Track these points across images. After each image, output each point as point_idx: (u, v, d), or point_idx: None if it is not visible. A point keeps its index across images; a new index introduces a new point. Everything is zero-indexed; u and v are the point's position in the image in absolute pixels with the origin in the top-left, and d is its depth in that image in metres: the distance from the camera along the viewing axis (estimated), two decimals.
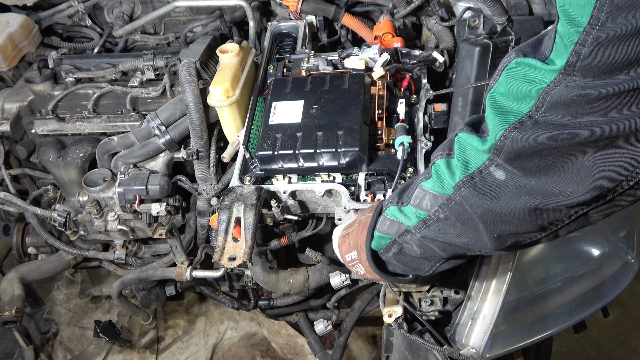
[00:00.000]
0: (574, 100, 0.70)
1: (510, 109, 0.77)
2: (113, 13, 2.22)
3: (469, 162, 0.88)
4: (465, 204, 0.89)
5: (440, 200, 0.94)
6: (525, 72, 0.76)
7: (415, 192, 1.02)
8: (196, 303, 2.58)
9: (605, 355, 2.64)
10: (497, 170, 0.83)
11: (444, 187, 0.93)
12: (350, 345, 2.37)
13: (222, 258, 1.34)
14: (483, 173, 0.85)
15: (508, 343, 1.36)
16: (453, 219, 0.94)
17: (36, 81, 1.89)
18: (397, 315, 1.35)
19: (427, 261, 1.08)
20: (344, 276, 1.68)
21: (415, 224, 1.01)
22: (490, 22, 1.63)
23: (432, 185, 0.97)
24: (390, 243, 1.09)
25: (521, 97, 0.76)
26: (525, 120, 0.75)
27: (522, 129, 0.76)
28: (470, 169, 0.87)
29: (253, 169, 1.54)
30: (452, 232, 0.96)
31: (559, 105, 0.71)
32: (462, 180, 0.88)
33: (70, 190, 1.95)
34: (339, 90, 1.58)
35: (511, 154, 0.79)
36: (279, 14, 2.10)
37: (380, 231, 1.11)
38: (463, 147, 0.90)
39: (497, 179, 0.83)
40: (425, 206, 0.98)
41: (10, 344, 2.22)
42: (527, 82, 0.75)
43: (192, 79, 1.68)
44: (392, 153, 1.51)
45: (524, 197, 0.81)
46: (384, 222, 1.10)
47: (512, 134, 0.77)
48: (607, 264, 1.43)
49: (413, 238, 1.03)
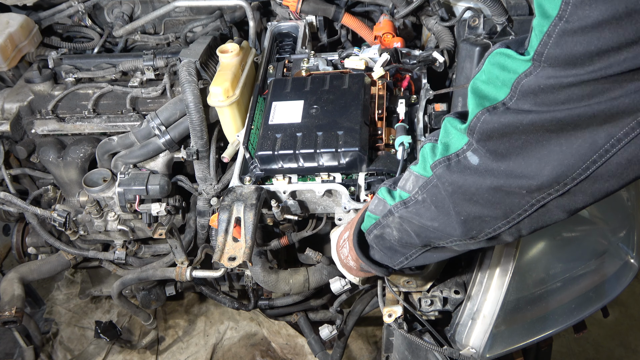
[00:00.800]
0: (540, 89, 0.74)
1: (488, 95, 0.82)
2: (113, 13, 2.22)
3: (449, 145, 0.93)
4: (439, 183, 0.94)
5: (421, 182, 0.99)
6: (503, 61, 0.80)
7: (405, 174, 1.07)
8: (196, 303, 2.58)
9: (605, 355, 2.63)
10: (473, 155, 0.87)
11: (426, 169, 0.98)
12: (350, 345, 2.37)
13: (222, 258, 1.34)
14: (460, 157, 0.90)
15: (508, 343, 1.36)
16: (429, 202, 0.98)
17: (36, 81, 1.89)
18: (397, 315, 1.35)
19: (403, 249, 1.11)
20: (344, 281, 1.67)
21: (395, 203, 1.06)
22: (490, 22, 1.63)
23: (416, 167, 1.02)
24: (374, 224, 1.13)
25: (499, 85, 0.80)
26: (498, 106, 0.80)
27: (493, 112, 0.81)
28: (450, 152, 0.92)
29: (253, 169, 1.54)
30: (426, 215, 1.00)
31: (528, 94, 0.76)
32: (439, 159, 0.93)
33: (70, 190, 1.95)
34: (339, 90, 1.58)
35: (482, 135, 0.83)
36: (279, 14, 2.10)
37: (370, 210, 1.15)
38: (447, 130, 0.94)
39: (471, 163, 0.88)
40: (408, 187, 1.04)
41: (10, 344, 2.22)
42: (504, 71, 0.80)
43: (192, 79, 1.68)
44: (392, 153, 1.51)
45: (490, 178, 0.85)
46: (374, 200, 1.15)
47: (483, 115, 0.82)
48: (607, 264, 1.43)
49: (394, 220, 1.07)
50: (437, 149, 0.96)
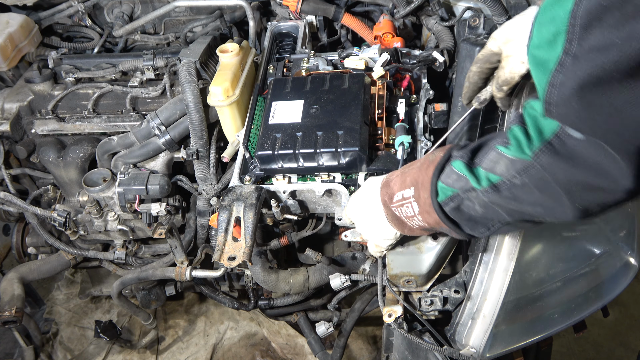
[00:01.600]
0: (604, 8, 0.61)
1: (547, 57, 0.71)
2: (113, 13, 2.22)
3: (542, 127, 0.83)
4: (545, 172, 0.84)
5: (519, 165, 0.89)
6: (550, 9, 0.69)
7: (489, 154, 0.96)
8: (196, 303, 2.58)
9: (605, 355, 2.63)
10: (573, 130, 0.75)
11: (523, 152, 0.88)
12: (350, 345, 2.37)
13: (222, 258, 1.34)
14: (561, 137, 0.78)
15: (508, 343, 1.36)
16: (531, 186, 0.88)
17: (36, 81, 1.89)
18: (397, 315, 1.35)
19: (486, 221, 1.02)
20: (344, 277, 1.68)
21: (484, 187, 0.96)
22: (490, 22, 1.63)
23: (509, 150, 0.91)
24: (451, 197, 1.03)
25: (552, 40, 0.69)
26: (564, 60, 0.68)
27: (563, 70, 0.68)
28: (546, 135, 0.81)
29: (253, 168, 1.54)
30: (526, 200, 0.91)
31: (591, 23, 0.63)
32: (540, 147, 0.83)
33: (70, 190, 1.95)
34: (339, 90, 1.58)
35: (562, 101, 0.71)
36: (279, 14, 2.10)
37: (444, 182, 1.03)
38: (532, 115, 0.85)
39: (576, 139, 0.76)
40: (500, 170, 0.93)
41: (10, 344, 2.21)
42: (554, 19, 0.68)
43: (192, 78, 1.68)
44: (392, 153, 1.51)
45: (601, 150, 0.73)
46: (450, 174, 1.03)
47: (556, 79, 0.70)
48: (607, 264, 1.43)
49: (478, 197, 0.98)
50: (530, 132, 0.86)
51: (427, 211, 1.08)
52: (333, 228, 1.88)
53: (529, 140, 0.86)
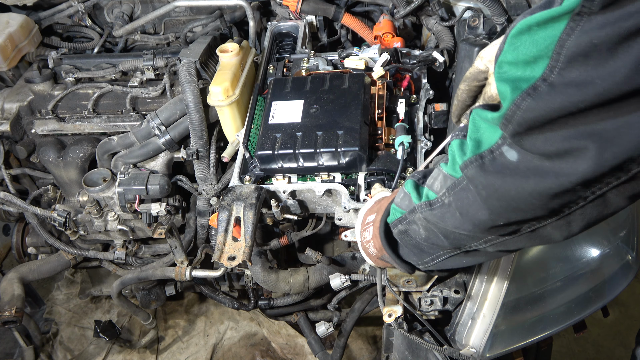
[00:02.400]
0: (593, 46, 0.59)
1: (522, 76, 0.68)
2: (113, 13, 2.22)
3: (481, 140, 0.80)
4: (471, 186, 0.83)
5: (449, 182, 0.89)
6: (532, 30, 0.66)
7: (434, 172, 0.96)
8: (196, 303, 2.58)
9: (605, 355, 2.63)
10: (510, 150, 0.74)
11: (455, 169, 0.87)
12: (350, 345, 2.37)
13: (221, 258, 1.34)
14: (494, 152, 0.77)
15: (508, 343, 1.36)
16: (454, 208, 0.88)
17: (36, 81, 1.89)
18: (397, 315, 1.35)
19: (430, 250, 1.01)
20: (344, 277, 1.67)
21: (420, 203, 0.96)
22: (490, 22, 1.63)
23: (446, 166, 0.91)
24: (400, 219, 1.03)
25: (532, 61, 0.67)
26: (539, 85, 0.66)
27: (536, 96, 0.66)
28: (482, 148, 0.79)
29: (253, 168, 1.54)
30: (450, 222, 0.90)
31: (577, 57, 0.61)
32: (469, 159, 0.82)
33: (70, 190, 1.95)
34: (339, 90, 1.58)
35: (522, 125, 0.70)
36: (279, 14, 2.10)
37: (395, 203, 1.05)
38: (477, 124, 0.82)
39: (509, 160, 0.75)
40: (436, 187, 0.93)
41: (10, 344, 2.21)
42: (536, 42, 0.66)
43: (192, 78, 1.68)
44: (392, 153, 1.51)
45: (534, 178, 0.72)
46: (400, 193, 1.04)
47: (525, 102, 0.68)
48: (607, 264, 1.43)
49: (420, 218, 0.97)
50: (466, 146, 0.84)
51: (376, 235, 1.08)
52: (333, 228, 1.88)
53: (462, 154, 0.84)
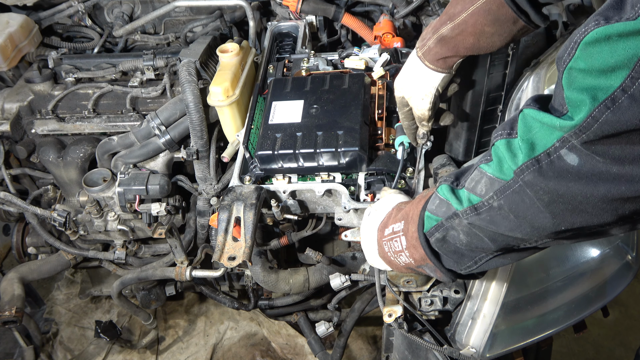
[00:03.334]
0: None
1: (597, 85, 0.66)
2: (113, 13, 2.21)
3: (535, 142, 0.77)
4: (528, 190, 0.79)
5: (497, 186, 0.85)
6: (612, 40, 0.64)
7: (472, 173, 0.92)
8: (196, 303, 2.58)
9: (605, 355, 2.63)
10: (570, 154, 0.72)
11: (503, 171, 0.84)
12: (350, 345, 2.37)
13: (221, 258, 1.34)
14: (552, 156, 0.74)
15: (508, 343, 1.36)
16: (506, 210, 0.84)
17: (36, 81, 1.89)
18: (397, 315, 1.35)
19: (472, 254, 0.98)
20: (344, 277, 1.67)
21: (464, 209, 0.92)
22: None
23: (490, 167, 0.87)
24: (436, 227, 0.99)
25: (608, 70, 0.65)
26: (618, 96, 0.64)
27: (615, 109, 0.64)
28: (537, 151, 0.76)
29: (253, 168, 1.54)
30: (503, 225, 0.87)
31: None
32: (525, 163, 0.78)
33: (70, 190, 1.95)
34: (339, 90, 1.58)
35: (597, 135, 0.68)
36: (279, 14, 2.10)
37: (429, 210, 1.00)
38: (529, 125, 0.79)
39: (569, 164, 0.72)
40: (480, 191, 0.89)
41: (10, 344, 2.22)
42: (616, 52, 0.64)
43: (192, 78, 1.68)
44: (392, 153, 1.51)
45: (604, 185, 0.70)
46: (434, 200, 1.00)
47: (603, 114, 0.66)
48: (607, 264, 1.43)
49: (461, 223, 0.93)
50: (515, 147, 0.81)
51: (413, 245, 1.04)
52: (333, 228, 1.88)
53: (513, 155, 0.82)
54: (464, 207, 0.92)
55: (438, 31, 1.20)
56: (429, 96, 1.28)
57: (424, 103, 1.29)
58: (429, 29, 1.23)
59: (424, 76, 1.26)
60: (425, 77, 1.26)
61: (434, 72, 1.25)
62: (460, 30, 1.16)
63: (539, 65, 1.39)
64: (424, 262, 1.05)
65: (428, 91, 1.28)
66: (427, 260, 1.04)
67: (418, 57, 1.26)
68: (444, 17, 1.19)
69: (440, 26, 1.19)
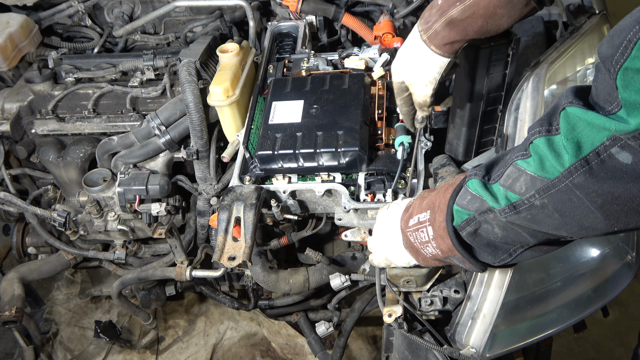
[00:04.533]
0: None
1: None
2: (113, 13, 2.22)
3: (582, 141, 0.74)
4: (578, 192, 0.77)
5: (540, 184, 0.82)
6: None
7: (508, 170, 0.88)
8: (196, 303, 2.58)
9: (605, 355, 2.64)
10: (622, 151, 0.69)
11: (545, 169, 0.80)
12: (350, 345, 2.37)
13: (221, 258, 1.34)
14: (602, 155, 0.71)
15: (508, 343, 1.36)
16: (551, 209, 0.82)
17: (36, 81, 1.89)
18: (397, 315, 1.35)
19: (507, 246, 0.95)
20: (344, 277, 1.68)
21: (502, 207, 0.88)
22: None
23: (530, 165, 0.84)
24: (467, 220, 0.96)
25: None
26: None
27: None
28: (585, 151, 0.73)
29: (253, 168, 1.54)
30: (546, 223, 0.84)
31: None
32: (574, 164, 0.75)
33: (70, 190, 1.95)
34: (339, 90, 1.58)
35: None
36: (279, 14, 2.10)
37: (459, 204, 0.97)
38: (574, 124, 0.75)
39: (621, 163, 0.70)
40: (519, 189, 0.85)
41: (10, 344, 2.21)
42: None
43: (192, 78, 1.68)
44: (392, 153, 1.51)
45: None
46: (465, 195, 0.96)
47: None
48: (607, 264, 1.43)
49: (496, 218, 0.91)
50: (559, 145, 0.78)
51: (441, 236, 1.01)
52: (333, 228, 1.88)
53: (556, 155, 0.78)
54: (502, 206, 0.89)
55: (446, 13, 1.13)
56: (433, 82, 1.23)
57: (427, 89, 1.24)
58: (433, 11, 1.16)
59: (428, 61, 1.20)
60: (430, 62, 1.20)
61: (440, 57, 1.19)
62: (471, 12, 1.11)
63: (539, 65, 1.39)
64: (452, 253, 1.02)
65: (432, 77, 1.22)
66: (455, 252, 1.01)
67: (423, 40, 1.19)
68: None
69: (448, 8, 1.12)
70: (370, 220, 1.48)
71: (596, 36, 1.46)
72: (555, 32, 1.68)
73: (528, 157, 0.84)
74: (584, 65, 1.43)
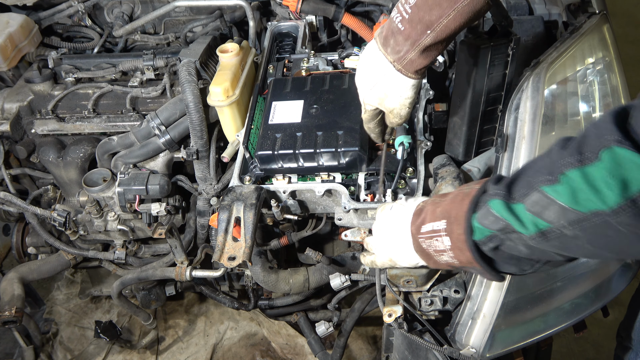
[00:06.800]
0: None
1: None
2: (113, 13, 2.22)
3: (628, 180, 0.72)
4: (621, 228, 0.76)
5: (572, 216, 0.80)
6: None
7: (534, 196, 0.86)
8: (196, 303, 2.58)
9: (605, 355, 2.63)
10: None
11: (579, 202, 0.79)
12: (350, 345, 2.37)
13: (221, 258, 1.34)
14: None
15: (508, 343, 1.36)
16: (584, 241, 0.81)
17: (36, 81, 1.89)
18: (397, 315, 1.35)
19: (531, 262, 0.95)
20: (344, 277, 1.68)
21: (531, 235, 0.87)
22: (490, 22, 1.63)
23: (560, 195, 0.81)
24: (489, 237, 0.94)
25: None
26: None
27: None
28: (631, 190, 0.72)
29: (253, 168, 1.54)
30: (577, 252, 0.84)
31: None
32: (620, 205, 0.74)
33: (70, 190, 1.95)
34: (339, 90, 1.58)
35: None
36: (279, 14, 2.10)
37: (481, 223, 0.95)
38: (621, 162, 0.73)
39: None
40: (548, 217, 0.84)
41: (10, 344, 2.21)
42: None
43: (192, 78, 1.68)
44: (392, 153, 1.51)
45: None
46: (487, 215, 0.94)
47: None
48: (607, 264, 1.43)
49: (522, 240, 0.89)
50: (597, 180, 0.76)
51: (459, 248, 0.99)
52: (333, 228, 1.88)
53: (595, 190, 0.76)
54: (531, 233, 0.87)
55: (418, 42, 1.15)
56: (412, 103, 1.29)
57: (407, 110, 1.29)
58: (400, 39, 1.17)
59: (406, 87, 1.24)
60: (408, 87, 1.24)
61: (417, 80, 1.24)
62: (444, 36, 1.14)
63: (539, 65, 1.39)
64: (471, 265, 1.01)
65: (412, 99, 1.27)
66: (474, 264, 1.00)
67: (398, 70, 1.21)
68: (421, 27, 1.13)
69: (419, 37, 1.15)
70: (370, 220, 1.48)
71: (596, 36, 1.46)
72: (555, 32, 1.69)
73: (555, 183, 0.82)
74: (584, 65, 1.43)
